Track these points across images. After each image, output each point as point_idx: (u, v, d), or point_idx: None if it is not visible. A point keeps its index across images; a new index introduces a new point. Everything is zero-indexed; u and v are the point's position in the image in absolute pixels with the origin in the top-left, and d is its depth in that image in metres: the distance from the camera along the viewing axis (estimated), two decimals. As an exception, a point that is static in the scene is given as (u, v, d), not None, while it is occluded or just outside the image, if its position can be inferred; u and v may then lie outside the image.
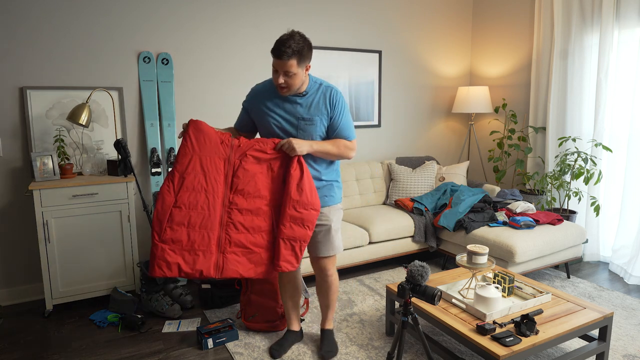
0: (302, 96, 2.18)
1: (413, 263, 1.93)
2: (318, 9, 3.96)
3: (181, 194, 2.08)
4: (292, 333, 2.55)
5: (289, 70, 2.05)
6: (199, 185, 2.09)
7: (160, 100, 3.41)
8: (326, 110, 2.19)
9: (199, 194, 2.09)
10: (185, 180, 2.09)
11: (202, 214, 2.09)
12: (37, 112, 3.07)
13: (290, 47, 2.01)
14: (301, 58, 2.06)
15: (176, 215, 2.08)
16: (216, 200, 2.10)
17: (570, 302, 2.39)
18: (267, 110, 2.21)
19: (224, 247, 2.11)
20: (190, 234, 2.08)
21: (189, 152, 2.10)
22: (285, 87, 2.11)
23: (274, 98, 2.21)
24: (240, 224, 2.12)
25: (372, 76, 4.33)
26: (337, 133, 2.23)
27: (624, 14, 3.50)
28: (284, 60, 2.03)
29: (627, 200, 3.56)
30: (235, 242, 2.12)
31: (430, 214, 3.77)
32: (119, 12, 3.24)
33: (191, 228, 2.08)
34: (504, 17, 4.49)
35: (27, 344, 2.62)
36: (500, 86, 4.58)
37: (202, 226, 2.09)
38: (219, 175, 2.11)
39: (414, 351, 2.50)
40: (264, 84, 2.28)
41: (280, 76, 2.07)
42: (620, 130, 3.68)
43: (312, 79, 2.22)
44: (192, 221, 2.08)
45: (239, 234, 2.12)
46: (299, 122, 2.18)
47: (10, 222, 3.11)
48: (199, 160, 2.10)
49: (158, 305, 2.91)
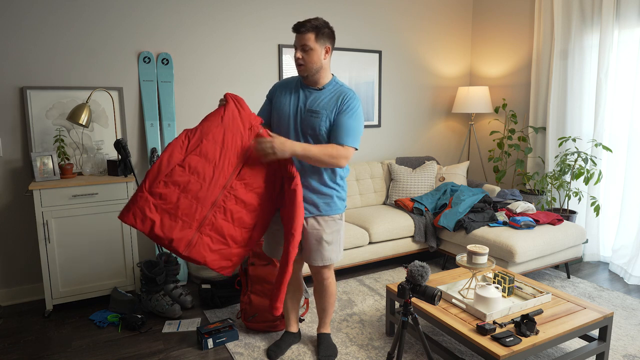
0: (319, 90, 2.19)
1: (413, 263, 1.93)
2: (318, 9, 3.96)
3: (192, 156, 2.00)
4: (290, 334, 2.55)
5: (306, 44, 2.07)
6: (212, 156, 2.02)
7: (160, 100, 3.41)
8: (335, 107, 2.13)
9: (207, 165, 2.01)
10: (202, 145, 2.01)
11: (200, 185, 2.00)
12: (37, 112, 3.07)
13: (310, 22, 2.07)
14: (319, 34, 2.08)
15: (176, 174, 1.98)
16: (220, 179, 2.03)
17: (570, 302, 2.39)
18: (285, 98, 2.22)
19: (204, 227, 2.03)
20: (181, 198, 1.98)
21: (217, 121, 2.04)
22: (302, 63, 2.11)
23: (293, 89, 2.23)
24: (230, 211, 2.05)
25: (372, 76, 4.33)
26: (337, 131, 2.12)
27: (624, 14, 3.50)
28: (302, 34, 2.07)
29: (627, 200, 3.56)
30: (216, 228, 2.04)
31: (430, 214, 3.77)
32: (119, 12, 3.24)
33: (184, 193, 1.98)
34: (504, 17, 4.49)
35: (27, 344, 2.62)
36: (500, 86, 4.58)
37: (195, 197, 1.99)
38: (233, 156, 2.05)
39: (414, 351, 2.50)
40: (292, 77, 2.31)
41: (298, 51, 2.10)
42: (620, 130, 3.67)
43: (335, 79, 2.23)
44: (189, 187, 1.99)
45: (223, 221, 2.05)
46: (306, 113, 2.17)
47: (10, 222, 3.11)
48: (223, 132, 2.04)
49: (158, 305, 2.91)
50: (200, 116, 3.60)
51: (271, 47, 3.80)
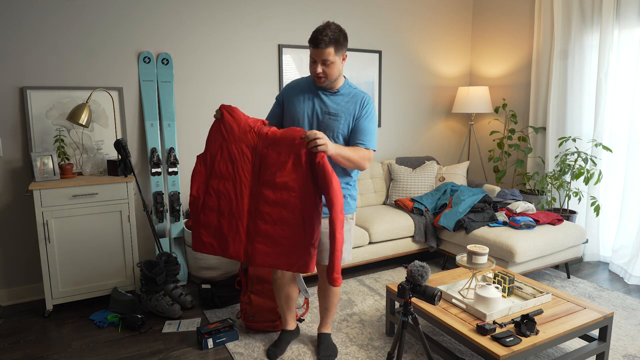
0: (334, 94, 2.21)
1: (413, 263, 1.93)
2: (318, 9, 3.96)
3: (212, 181, 2.11)
4: (288, 332, 2.54)
5: (327, 58, 2.07)
6: (227, 173, 2.09)
7: (160, 100, 3.41)
8: (354, 110, 2.17)
9: (228, 182, 2.10)
10: (215, 167, 2.11)
11: (230, 203, 2.09)
12: (37, 112, 3.07)
13: (327, 36, 2.04)
14: (338, 46, 2.08)
15: (208, 201, 2.12)
16: (244, 190, 2.09)
17: (571, 302, 2.39)
18: (298, 100, 2.22)
19: (252, 237, 2.08)
20: (220, 219, 2.11)
21: (219, 139, 2.10)
22: (323, 76, 2.12)
23: (307, 91, 2.23)
24: (269, 214, 2.06)
25: (372, 76, 4.33)
26: (359, 135, 2.16)
27: (624, 14, 3.50)
28: (322, 49, 2.05)
29: (627, 200, 3.56)
30: (264, 233, 2.07)
31: (430, 214, 3.77)
32: (119, 12, 3.24)
33: (221, 214, 2.11)
34: (504, 17, 4.49)
35: (27, 344, 2.62)
36: (500, 86, 4.58)
37: (230, 214, 2.10)
38: (246, 165, 2.09)
39: (414, 351, 2.50)
40: (301, 79, 2.31)
41: (318, 65, 2.09)
42: (620, 130, 3.67)
43: (347, 82, 2.25)
44: (222, 208, 2.11)
45: (266, 225, 2.07)
46: (323, 116, 2.18)
47: (10, 222, 3.11)
48: (227, 148, 2.10)
49: (158, 305, 2.91)
50: (200, 116, 3.60)
51: (271, 47, 3.80)
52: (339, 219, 1.99)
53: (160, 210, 3.38)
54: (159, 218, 3.39)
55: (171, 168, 3.45)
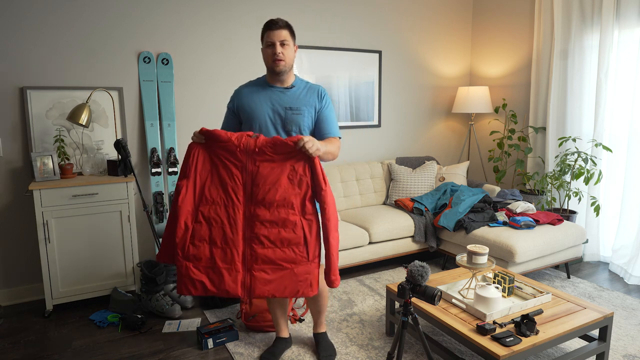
0: (289, 88, 2.23)
1: (413, 263, 1.92)
2: (318, 9, 3.96)
3: (202, 208, 1.96)
4: (282, 340, 2.51)
5: (285, 39, 2.13)
6: (219, 197, 1.96)
7: (160, 100, 3.41)
8: (314, 102, 2.22)
9: (219, 207, 1.96)
10: (205, 193, 1.97)
11: (222, 230, 1.95)
12: (37, 112, 3.07)
13: (282, 20, 2.15)
14: (291, 32, 2.17)
15: (197, 231, 1.95)
16: (237, 214, 1.95)
17: (571, 302, 2.39)
18: (255, 103, 2.21)
19: (250, 264, 1.94)
20: (213, 250, 1.95)
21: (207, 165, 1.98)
22: (283, 58, 2.14)
23: (260, 92, 2.24)
24: (265, 237, 1.94)
25: (372, 76, 4.33)
26: (327, 126, 2.22)
27: (624, 14, 3.50)
28: (279, 29, 2.12)
29: (627, 200, 3.56)
30: (262, 259, 1.94)
31: (430, 214, 3.77)
32: (119, 12, 3.24)
33: (213, 243, 1.95)
34: (504, 17, 4.49)
35: (27, 344, 2.62)
36: (500, 86, 4.58)
37: (224, 242, 1.95)
38: (237, 187, 1.96)
39: (414, 351, 2.50)
40: (248, 83, 2.32)
41: (277, 46, 2.12)
42: (620, 130, 3.67)
43: (298, 78, 2.30)
44: (214, 236, 1.95)
45: (265, 249, 1.94)
46: (285, 112, 2.19)
47: (10, 222, 3.11)
48: (216, 173, 1.98)
49: (158, 305, 2.91)
50: (200, 116, 3.60)
51: (271, 47, 3.80)
52: (332, 222, 1.98)
53: (160, 210, 3.39)
54: (159, 218, 3.40)
55: (171, 168, 3.45)
